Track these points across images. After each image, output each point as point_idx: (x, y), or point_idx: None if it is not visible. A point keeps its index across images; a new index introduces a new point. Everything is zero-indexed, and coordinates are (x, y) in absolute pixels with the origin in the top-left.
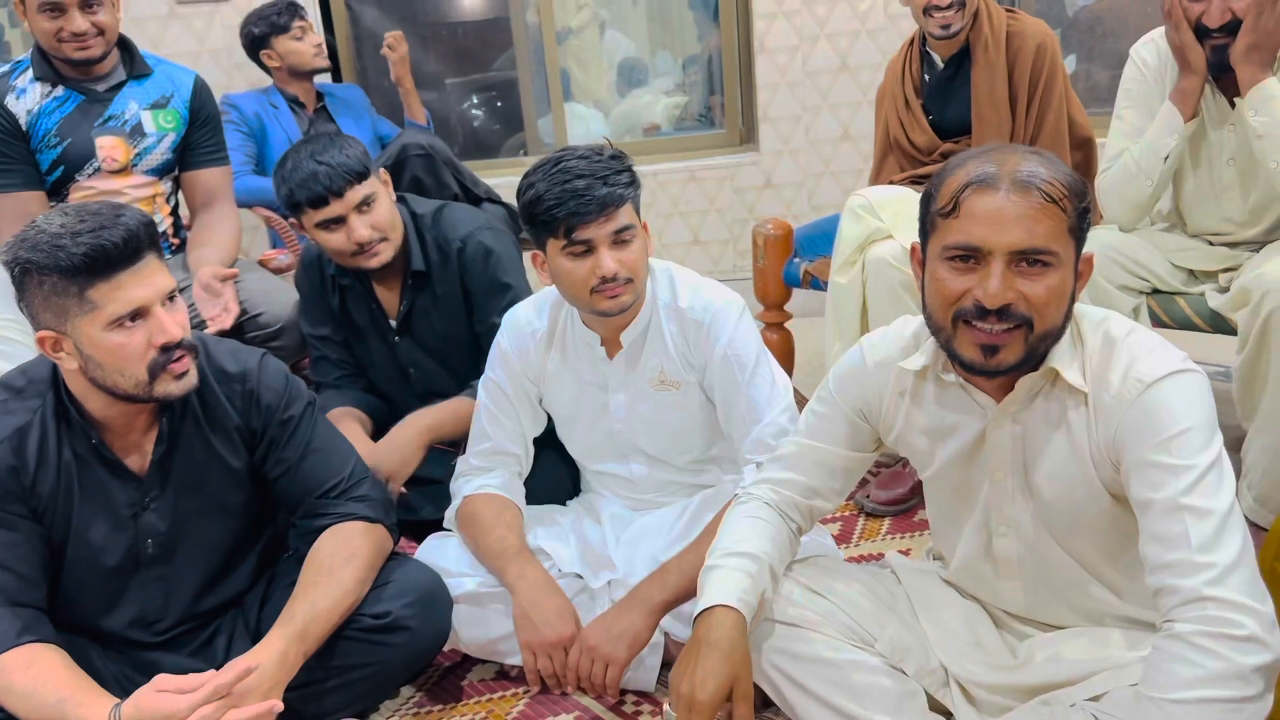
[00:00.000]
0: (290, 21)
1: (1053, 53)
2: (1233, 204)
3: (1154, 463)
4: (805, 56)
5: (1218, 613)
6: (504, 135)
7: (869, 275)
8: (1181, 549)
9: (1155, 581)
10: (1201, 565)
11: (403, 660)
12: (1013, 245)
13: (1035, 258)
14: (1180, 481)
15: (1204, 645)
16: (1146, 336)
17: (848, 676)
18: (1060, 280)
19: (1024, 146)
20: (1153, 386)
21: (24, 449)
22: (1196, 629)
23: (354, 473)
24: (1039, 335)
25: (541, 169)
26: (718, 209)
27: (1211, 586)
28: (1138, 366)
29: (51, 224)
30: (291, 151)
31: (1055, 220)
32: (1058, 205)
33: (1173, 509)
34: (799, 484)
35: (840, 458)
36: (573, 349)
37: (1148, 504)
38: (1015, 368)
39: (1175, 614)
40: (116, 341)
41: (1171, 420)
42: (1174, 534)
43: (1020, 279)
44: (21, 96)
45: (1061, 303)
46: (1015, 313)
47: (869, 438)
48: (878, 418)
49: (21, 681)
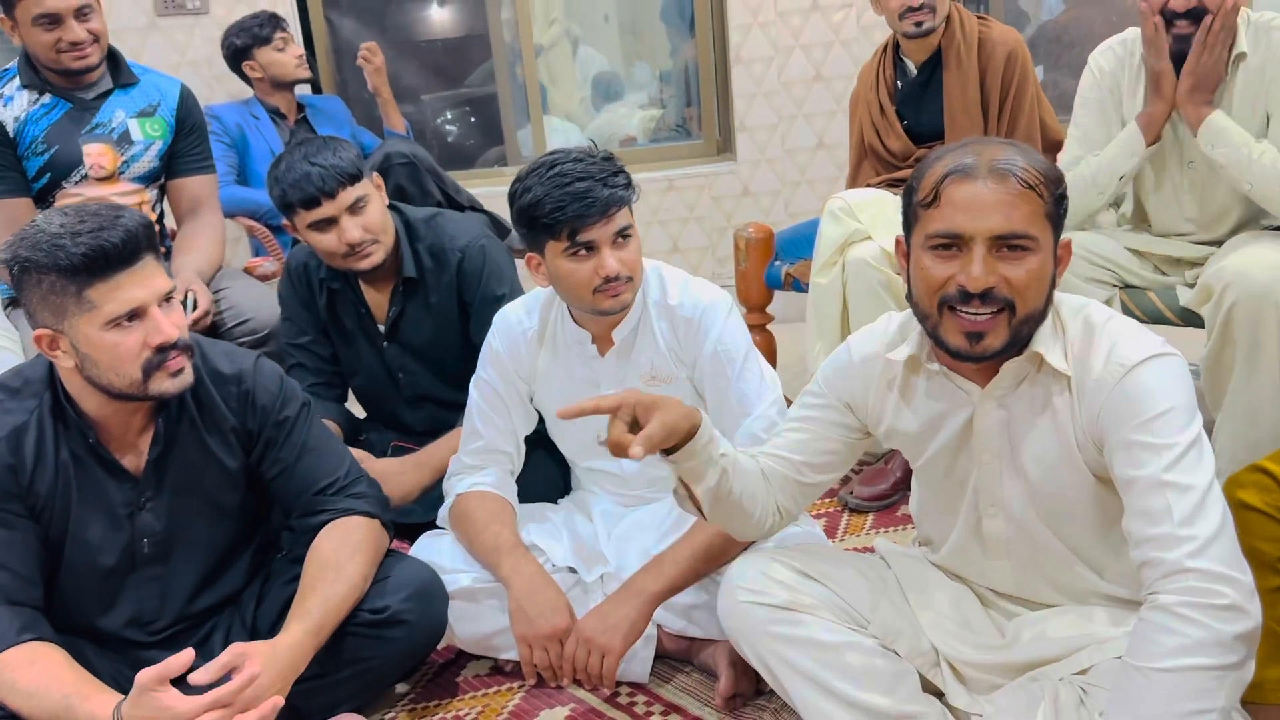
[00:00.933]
0: (272, 33)
1: (1023, 59)
2: (1192, 205)
3: (1136, 442)
4: (780, 67)
5: (1199, 583)
6: (482, 148)
7: (849, 275)
8: (1164, 523)
9: (1139, 555)
10: (1183, 538)
11: (401, 654)
12: (992, 230)
13: (1015, 242)
14: (1162, 459)
15: (1187, 615)
16: (1125, 323)
17: (842, 658)
18: (1040, 264)
19: (1000, 139)
20: (1134, 370)
21: (21, 448)
22: (1180, 599)
23: (349, 471)
24: (1021, 318)
25: (536, 173)
26: (696, 217)
27: (1193, 558)
28: (1119, 351)
29: (51, 223)
30: (285, 153)
31: (1032, 205)
32: (1034, 191)
33: (1155, 485)
34: (788, 461)
35: (827, 443)
36: (563, 347)
37: (1131, 481)
38: (1000, 353)
39: (1159, 586)
40: (113, 341)
41: (1152, 401)
42: (1157, 509)
43: (1001, 263)
44: (9, 104)
45: (1042, 286)
46: (998, 296)
47: (856, 431)
48: (865, 412)
49: (25, 678)
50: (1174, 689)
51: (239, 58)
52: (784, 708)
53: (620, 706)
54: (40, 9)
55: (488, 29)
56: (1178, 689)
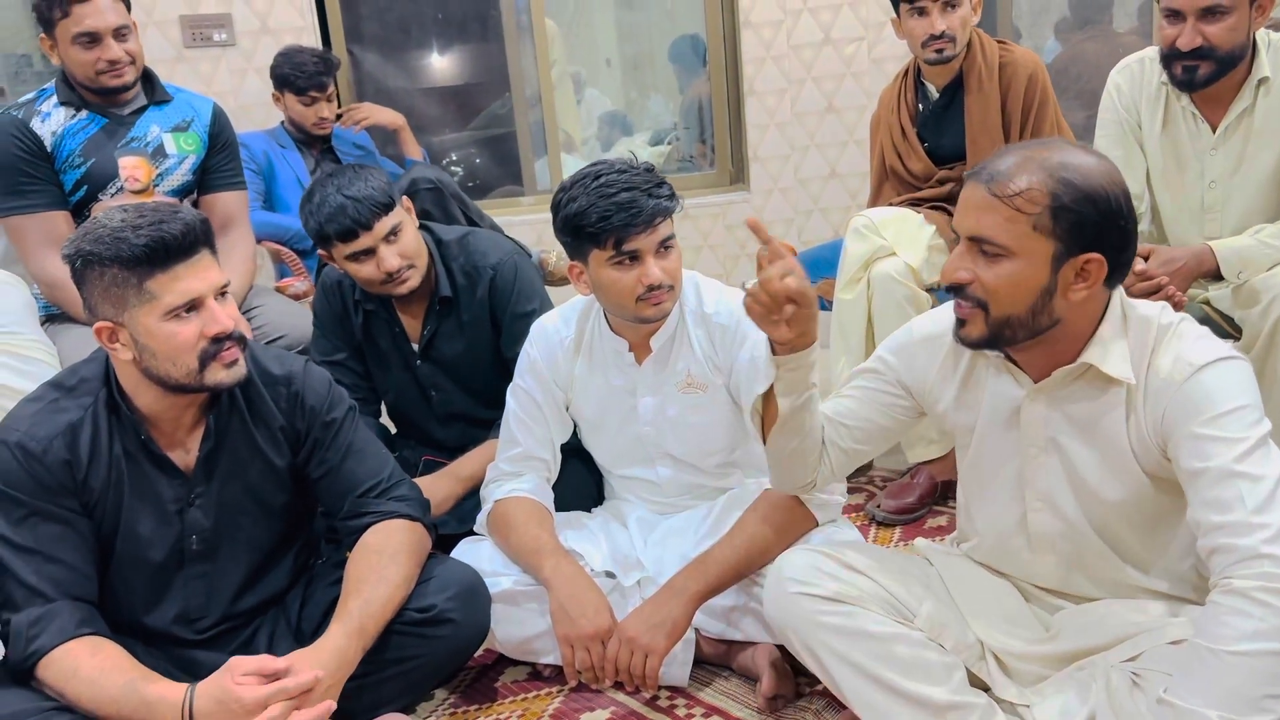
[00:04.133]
0: (307, 87)
1: (1044, 82)
2: (1214, 225)
3: (1205, 435)
4: (793, 99)
5: (1275, 569)
6: (499, 181)
7: (875, 291)
8: (1237, 511)
9: (1209, 543)
10: (1257, 525)
11: (447, 652)
12: (964, 231)
13: (985, 247)
14: (1232, 451)
15: (1263, 599)
16: (1193, 327)
17: (891, 650)
18: (1015, 272)
19: (1040, 142)
20: (1202, 370)
21: (77, 444)
22: (1255, 584)
23: (392, 474)
24: (997, 320)
25: (580, 183)
26: (710, 245)
27: (1269, 545)
28: (1187, 353)
29: (113, 219)
30: (317, 185)
31: (1005, 216)
32: (1006, 203)
33: (1226, 475)
34: (835, 423)
35: (876, 413)
36: (600, 355)
37: (1199, 473)
38: (983, 344)
39: (1232, 571)
40: (171, 330)
41: (1222, 399)
42: (1228, 498)
43: (978, 263)
44: (47, 120)
45: (1018, 293)
46: (970, 294)
47: (907, 410)
48: (924, 391)
49: (88, 666)
50: (1247, 672)
51: (276, 84)
52: (826, 708)
53: (660, 709)
54: (80, 28)
55: (506, 68)
56: (1251, 672)
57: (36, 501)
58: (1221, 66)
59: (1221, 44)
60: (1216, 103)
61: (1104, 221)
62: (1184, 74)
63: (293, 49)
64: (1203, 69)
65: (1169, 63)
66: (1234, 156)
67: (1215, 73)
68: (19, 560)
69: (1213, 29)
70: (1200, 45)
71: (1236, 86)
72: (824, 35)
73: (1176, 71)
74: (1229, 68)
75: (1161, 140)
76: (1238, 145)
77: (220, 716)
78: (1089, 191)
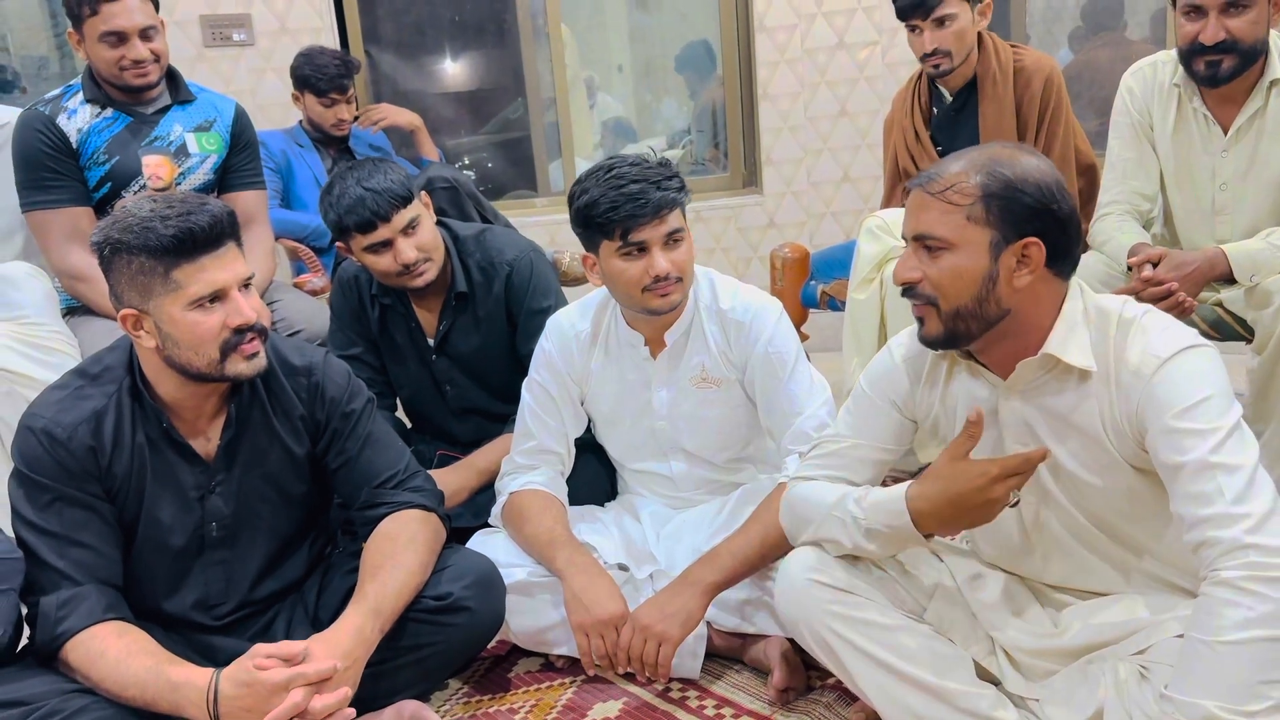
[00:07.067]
0: (327, 90)
1: (1058, 85)
2: (1225, 227)
3: (1179, 429)
4: (806, 102)
5: (1260, 558)
6: (512, 183)
7: (888, 291)
8: (1217, 503)
9: (1194, 537)
10: (1238, 516)
11: (462, 640)
12: (908, 233)
13: (927, 243)
14: (1207, 442)
15: (1251, 589)
16: (1159, 317)
17: (898, 639)
18: (958, 263)
19: (980, 147)
20: (1169, 361)
21: (101, 431)
22: (1242, 574)
23: (408, 466)
24: (949, 313)
25: (593, 176)
26: (723, 248)
27: (1252, 534)
28: (1153, 344)
29: (142, 209)
30: (337, 178)
31: (941, 210)
32: (938, 198)
33: (1203, 468)
34: (839, 478)
35: (876, 451)
36: (615, 349)
37: (1178, 467)
38: (942, 342)
39: (1219, 563)
40: (195, 320)
41: (1191, 390)
42: (1207, 491)
43: (925, 261)
44: (72, 117)
45: (962, 284)
46: (920, 292)
47: (906, 430)
48: (913, 408)
49: (114, 649)
50: (1241, 661)
51: (296, 84)
52: (837, 701)
53: (673, 701)
54: (108, 26)
55: (521, 72)
56: (1245, 661)
57: (62, 487)
58: (1244, 60)
59: (1244, 37)
60: (1228, 104)
61: (1037, 206)
62: (1207, 69)
63: (314, 50)
64: (1226, 63)
65: (1190, 59)
66: (1245, 158)
67: (1238, 67)
68: (46, 545)
69: (1235, 23)
70: (1224, 39)
71: (1249, 88)
72: (838, 40)
73: (1199, 68)
74: (1251, 61)
75: (1173, 142)
76: (1249, 147)
77: (244, 699)
78: (1016, 179)
